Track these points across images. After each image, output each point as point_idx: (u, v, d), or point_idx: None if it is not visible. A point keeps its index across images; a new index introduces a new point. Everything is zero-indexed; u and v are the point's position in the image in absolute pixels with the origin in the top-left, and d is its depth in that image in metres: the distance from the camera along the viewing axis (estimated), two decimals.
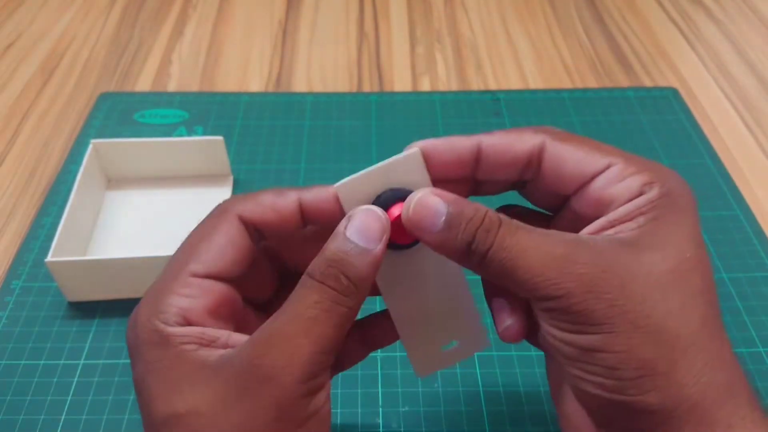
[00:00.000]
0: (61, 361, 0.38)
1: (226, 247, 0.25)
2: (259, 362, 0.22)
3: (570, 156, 0.25)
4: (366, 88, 0.60)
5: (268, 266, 0.28)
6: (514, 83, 0.61)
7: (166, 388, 0.23)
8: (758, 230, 0.46)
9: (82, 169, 0.44)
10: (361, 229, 0.24)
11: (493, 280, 0.24)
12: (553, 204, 0.28)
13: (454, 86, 0.60)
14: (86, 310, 0.41)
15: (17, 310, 0.41)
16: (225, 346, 0.24)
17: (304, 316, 0.23)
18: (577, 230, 0.25)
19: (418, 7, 0.72)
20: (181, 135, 0.54)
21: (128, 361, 0.38)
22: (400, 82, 0.61)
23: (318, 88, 0.60)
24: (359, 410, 0.36)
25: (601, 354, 0.22)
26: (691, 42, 0.66)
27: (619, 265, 0.22)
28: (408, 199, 0.24)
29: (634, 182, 0.24)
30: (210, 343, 0.23)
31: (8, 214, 0.48)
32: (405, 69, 0.62)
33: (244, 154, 0.52)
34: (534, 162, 0.26)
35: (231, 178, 0.49)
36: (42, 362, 0.38)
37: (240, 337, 0.24)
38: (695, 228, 0.24)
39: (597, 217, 0.24)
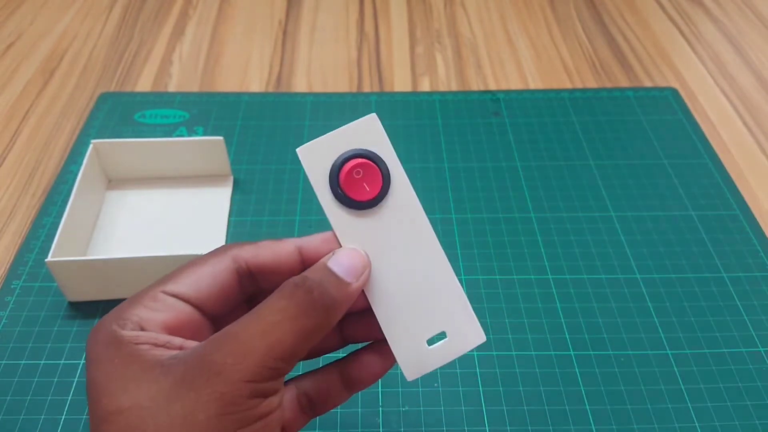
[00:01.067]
0: (62, 361, 0.38)
1: (206, 277, 0.26)
2: (210, 358, 0.22)
3: None
4: (366, 89, 0.60)
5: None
6: (514, 83, 0.61)
7: (114, 385, 0.22)
8: (758, 230, 0.46)
9: (82, 169, 0.44)
10: (344, 263, 0.25)
11: None
12: None
13: (454, 86, 0.60)
14: (86, 310, 0.41)
15: (18, 309, 0.41)
16: (180, 348, 0.24)
17: (265, 319, 0.23)
18: None
19: (418, 8, 0.72)
20: (181, 135, 0.54)
21: None
22: (400, 82, 0.61)
23: (318, 88, 0.60)
24: (359, 410, 0.36)
25: None
26: (690, 42, 0.66)
27: None
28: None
29: None
30: (163, 344, 0.23)
31: (9, 214, 0.48)
32: (405, 69, 0.63)
33: (244, 154, 0.52)
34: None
35: (231, 178, 0.49)
36: (42, 362, 0.38)
37: (195, 343, 0.24)
38: None
39: None
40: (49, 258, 0.38)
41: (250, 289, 0.27)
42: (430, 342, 0.27)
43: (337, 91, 0.59)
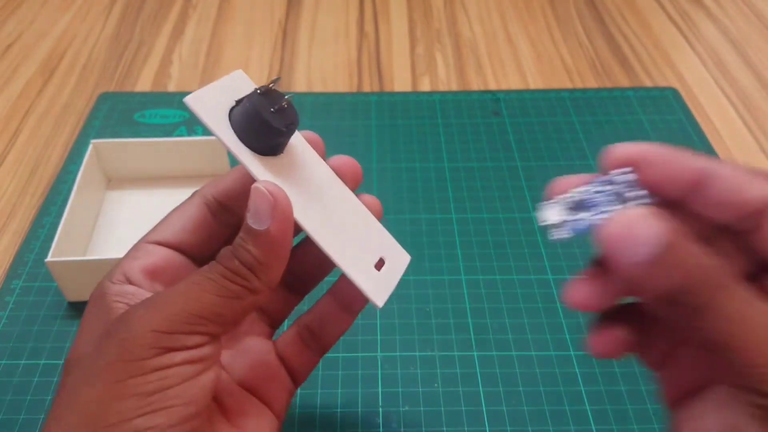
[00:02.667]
0: (61, 361, 0.38)
1: (179, 219, 0.27)
2: (131, 309, 0.23)
3: None
4: (366, 88, 0.60)
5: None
6: (514, 83, 0.61)
7: (80, 337, 0.24)
8: None
9: (82, 169, 0.44)
10: (252, 210, 0.23)
11: (686, 339, 0.22)
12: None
13: (454, 86, 0.60)
14: None
15: (17, 309, 0.41)
16: None
17: (188, 281, 0.23)
18: None
19: (418, 7, 0.72)
20: (181, 135, 0.54)
21: None
22: (400, 82, 0.61)
23: (318, 88, 0.60)
24: (359, 410, 0.36)
25: None
26: (690, 42, 0.66)
27: None
28: (618, 213, 0.20)
29: None
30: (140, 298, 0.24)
31: (8, 213, 0.48)
32: (405, 69, 0.63)
33: None
34: (758, 217, 0.22)
35: None
36: (42, 362, 0.38)
37: None
38: None
39: None
40: (49, 258, 0.38)
41: (230, 220, 0.28)
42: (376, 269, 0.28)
43: (337, 91, 0.59)
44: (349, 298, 0.29)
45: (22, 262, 0.44)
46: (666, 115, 0.56)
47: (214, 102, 0.25)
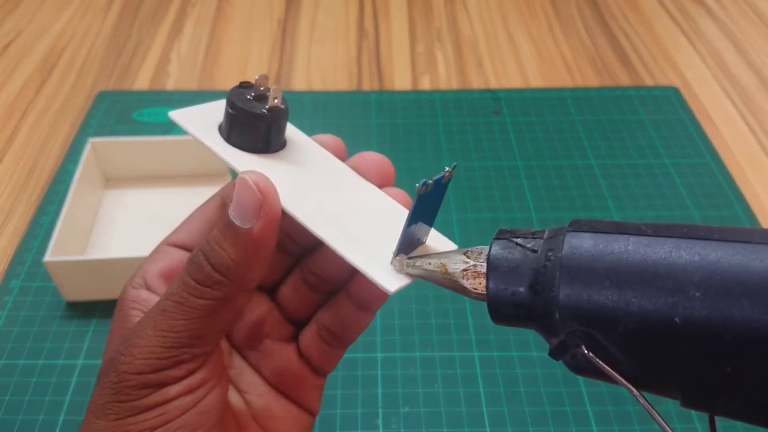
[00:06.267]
0: (60, 361, 0.38)
1: (198, 220, 0.26)
2: (115, 346, 0.23)
3: None
4: (366, 87, 0.60)
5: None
6: (515, 82, 0.60)
7: (107, 345, 0.24)
8: None
9: (80, 168, 0.44)
10: (236, 204, 0.21)
11: None
12: None
13: (455, 85, 0.60)
14: (84, 310, 0.40)
15: (16, 309, 0.40)
16: None
17: (157, 309, 0.22)
18: None
19: (418, 6, 0.72)
20: (179, 134, 0.53)
21: None
22: (400, 80, 0.61)
23: (318, 86, 0.60)
24: (359, 411, 0.36)
25: None
26: (692, 41, 0.66)
27: None
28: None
29: None
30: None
31: (6, 213, 0.47)
32: (405, 68, 0.62)
33: None
34: None
35: (229, 177, 0.49)
36: (41, 362, 0.38)
37: None
38: None
39: None
40: (47, 258, 0.38)
41: None
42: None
43: (337, 90, 0.59)
44: (364, 298, 0.26)
45: (20, 262, 0.43)
46: (667, 114, 0.56)
47: (200, 116, 0.25)
